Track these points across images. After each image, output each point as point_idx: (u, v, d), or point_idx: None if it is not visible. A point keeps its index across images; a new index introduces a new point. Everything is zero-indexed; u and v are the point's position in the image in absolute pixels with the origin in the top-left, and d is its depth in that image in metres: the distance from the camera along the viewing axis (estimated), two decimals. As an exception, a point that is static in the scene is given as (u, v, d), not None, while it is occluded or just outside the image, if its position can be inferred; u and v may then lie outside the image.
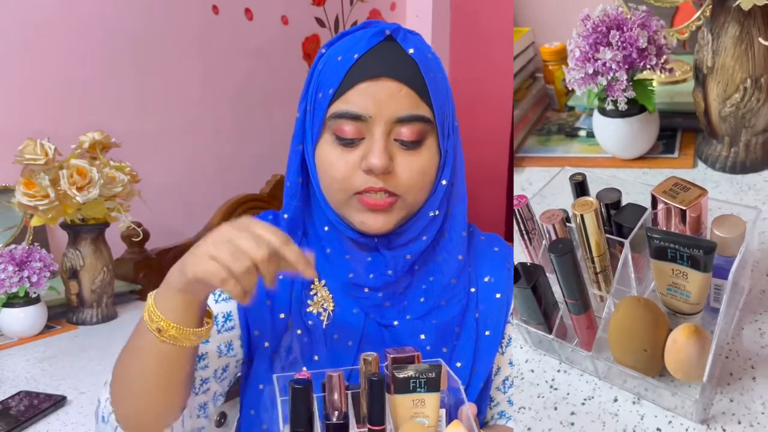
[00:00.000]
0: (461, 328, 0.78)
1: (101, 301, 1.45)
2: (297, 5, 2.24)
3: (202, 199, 1.98)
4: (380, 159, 0.69)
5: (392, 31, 0.71)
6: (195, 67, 1.96)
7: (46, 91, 1.62)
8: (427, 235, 0.76)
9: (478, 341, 0.78)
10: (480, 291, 0.80)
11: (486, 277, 0.81)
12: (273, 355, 0.77)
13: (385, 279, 0.76)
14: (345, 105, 0.70)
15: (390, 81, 0.69)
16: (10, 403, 1.03)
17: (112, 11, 1.73)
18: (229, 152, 2.08)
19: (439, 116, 0.73)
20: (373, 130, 0.70)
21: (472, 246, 0.83)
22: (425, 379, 0.62)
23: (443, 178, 0.75)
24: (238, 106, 2.09)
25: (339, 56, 0.71)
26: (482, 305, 0.80)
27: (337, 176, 0.71)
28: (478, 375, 0.78)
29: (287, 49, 2.22)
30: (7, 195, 1.44)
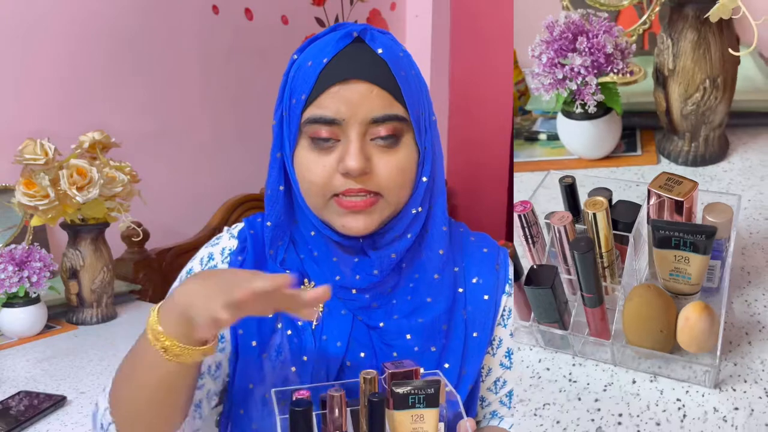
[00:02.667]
0: (449, 326, 0.78)
1: (101, 301, 1.45)
2: (297, 5, 2.25)
3: (202, 199, 1.98)
4: (356, 161, 0.69)
5: (359, 32, 0.72)
6: (195, 67, 1.96)
7: (46, 91, 1.62)
8: (411, 233, 0.76)
9: (466, 342, 0.78)
10: (468, 292, 0.80)
11: (474, 278, 0.81)
12: (263, 356, 0.77)
13: (371, 279, 0.76)
14: (318, 110, 0.70)
15: (360, 83, 0.70)
16: (10, 403, 1.03)
17: (112, 11, 1.73)
18: (229, 152, 2.08)
19: (414, 114, 0.73)
20: (348, 133, 0.70)
21: (461, 246, 0.83)
22: (424, 395, 0.62)
23: (423, 175, 0.75)
24: (238, 106, 2.09)
25: (309, 61, 0.72)
26: (470, 306, 0.80)
27: (315, 180, 0.72)
28: (467, 377, 0.78)
29: (287, 49, 2.21)
30: (7, 195, 1.44)
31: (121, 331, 1.41)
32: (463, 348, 0.78)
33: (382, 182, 0.71)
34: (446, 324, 0.78)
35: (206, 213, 1.96)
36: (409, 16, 2.71)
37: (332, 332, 0.77)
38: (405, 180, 0.73)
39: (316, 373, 0.75)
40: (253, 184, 2.07)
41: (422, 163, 0.75)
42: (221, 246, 0.83)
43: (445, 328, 0.77)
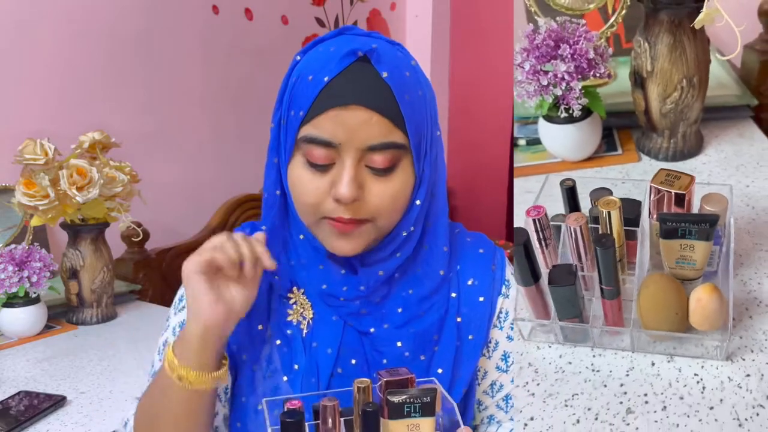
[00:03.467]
0: (440, 334, 0.77)
1: (101, 301, 1.45)
2: (297, 5, 2.25)
3: (202, 199, 1.98)
4: (348, 189, 0.67)
5: (366, 52, 0.69)
6: (195, 67, 1.96)
7: (46, 91, 1.62)
8: (402, 252, 0.75)
9: (461, 346, 0.78)
10: (462, 295, 0.79)
11: (469, 280, 0.80)
12: (254, 367, 0.77)
13: (358, 293, 0.76)
14: (315, 130, 0.68)
15: (360, 109, 0.67)
16: (10, 403, 1.03)
17: (112, 11, 1.73)
18: (229, 152, 2.08)
19: (414, 139, 0.71)
20: (343, 157, 0.68)
21: (457, 248, 0.82)
22: (420, 404, 0.61)
23: (418, 198, 0.74)
24: (238, 106, 2.09)
25: (310, 75, 0.69)
26: (464, 308, 0.79)
27: (307, 201, 0.71)
28: (461, 380, 0.77)
29: (287, 49, 2.22)
30: (7, 195, 1.44)
31: (121, 331, 1.41)
32: (456, 352, 0.77)
33: (372, 209, 0.70)
34: (437, 334, 0.77)
35: (206, 213, 1.96)
36: (409, 16, 2.71)
37: (322, 339, 0.77)
38: (397, 206, 0.72)
39: (306, 382, 0.75)
40: (253, 184, 2.07)
41: (417, 187, 0.74)
42: None
43: (437, 338, 0.77)
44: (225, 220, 1.95)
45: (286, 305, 0.78)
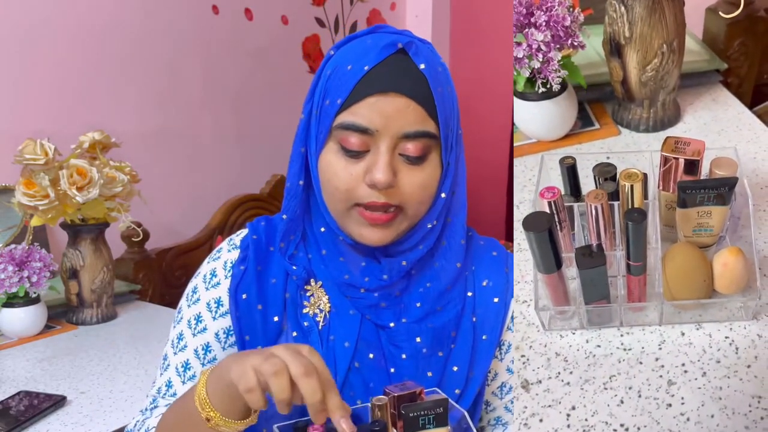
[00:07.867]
0: (457, 332, 0.78)
1: (101, 301, 1.45)
2: (297, 5, 2.24)
3: (202, 199, 1.98)
4: (385, 174, 0.69)
5: (404, 44, 0.71)
6: (195, 67, 1.96)
7: (46, 90, 1.62)
8: (424, 245, 0.76)
9: (475, 345, 0.78)
10: (477, 295, 0.80)
11: (484, 281, 0.81)
12: None
13: (379, 282, 0.76)
14: (352, 117, 0.70)
15: (399, 96, 0.69)
16: (10, 403, 1.03)
17: (112, 11, 1.73)
18: (229, 152, 2.08)
19: (444, 131, 0.73)
20: (378, 144, 0.70)
21: (471, 250, 0.83)
22: (434, 415, 0.62)
23: (442, 191, 0.75)
24: (238, 106, 2.09)
25: (349, 65, 0.71)
26: (480, 309, 0.80)
27: (340, 187, 0.71)
28: (475, 379, 0.78)
29: (287, 49, 2.22)
30: (7, 195, 1.44)
31: (121, 331, 1.41)
32: (472, 351, 0.78)
33: (405, 197, 0.71)
34: (455, 330, 0.78)
35: (206, 213, 1.96)
36: (409, 16, 2.70)
37: (340, 332, 0.77)
38: (426, 196, 0.73)
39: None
40: (253, 184, 2.07)
41: (443, 179, 0.75)
42: (222, 260, 0.82)
43: (454, 335, 0.78)
44: (225, 220, 1.95)
45: (303, 297, 0.78)
